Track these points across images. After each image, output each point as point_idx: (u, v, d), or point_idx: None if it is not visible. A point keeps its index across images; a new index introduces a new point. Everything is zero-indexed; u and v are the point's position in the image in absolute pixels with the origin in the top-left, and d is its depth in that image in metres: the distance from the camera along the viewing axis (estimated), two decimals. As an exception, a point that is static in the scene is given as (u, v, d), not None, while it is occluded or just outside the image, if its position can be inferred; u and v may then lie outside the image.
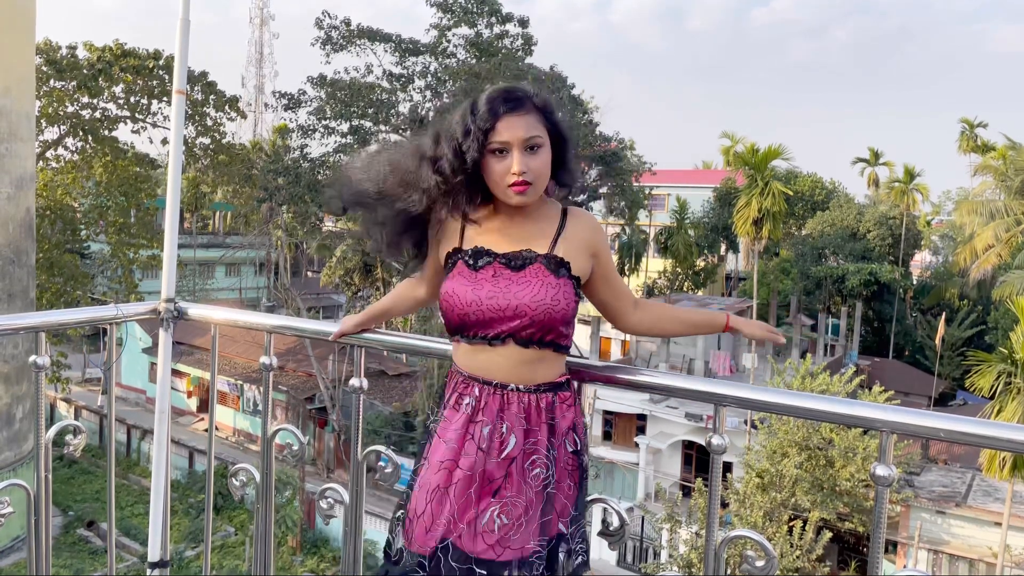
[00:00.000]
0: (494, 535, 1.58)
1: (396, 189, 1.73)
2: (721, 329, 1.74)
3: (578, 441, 1.70)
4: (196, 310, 2.36)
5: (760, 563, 1.68)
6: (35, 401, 2.15)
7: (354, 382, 2.12)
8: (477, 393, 1.66)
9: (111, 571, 2.42)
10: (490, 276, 1.66)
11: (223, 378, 26.04)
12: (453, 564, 1.58)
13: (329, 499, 2.18)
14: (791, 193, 33.11)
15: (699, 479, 18.12)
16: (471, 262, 1.69)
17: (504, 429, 1.63)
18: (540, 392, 1.65)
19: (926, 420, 1.52)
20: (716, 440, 1.70)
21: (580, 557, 1.66)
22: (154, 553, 2.41)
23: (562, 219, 1.72)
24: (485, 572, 1.56)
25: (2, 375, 16.78)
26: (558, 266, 1.65)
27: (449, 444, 1.64)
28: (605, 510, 1.85)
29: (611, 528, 1.84)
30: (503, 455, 1.62)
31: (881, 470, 1.54)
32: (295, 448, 2.23)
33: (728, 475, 19.08)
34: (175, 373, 28.15)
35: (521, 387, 1.64)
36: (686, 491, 21.13)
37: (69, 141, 23.76)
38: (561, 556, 1.63)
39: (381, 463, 2.10)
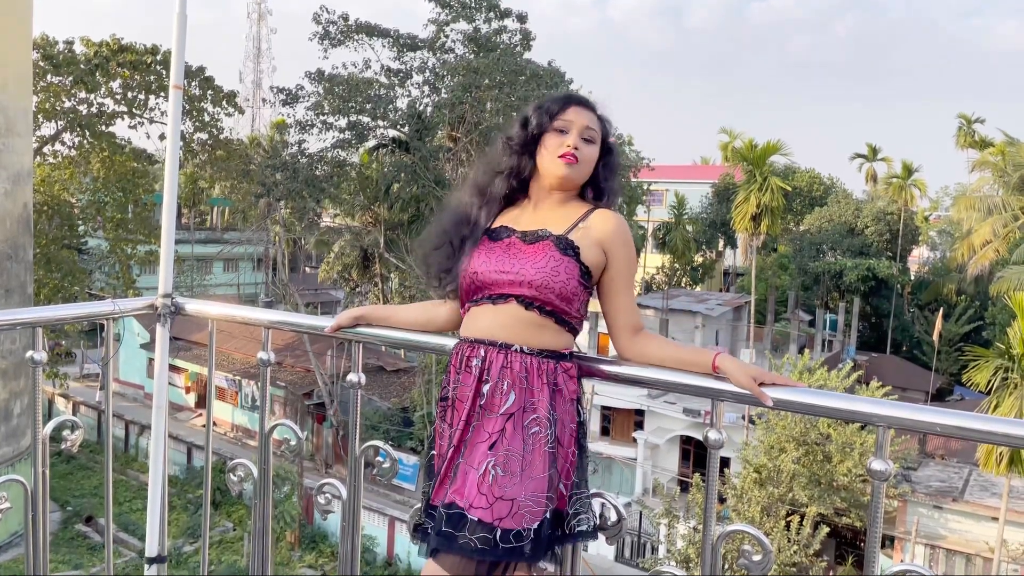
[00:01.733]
0: (488, 486, 1.61)
1: (471, 199, 1.92)
2: (709, 370, 1.67)
3: (581, 412, 1.76)
4: (193, 306, 2.35)
5: (757, 557, 1.68)
6: (32, 396, 2.14)
7: (351, 377, 2.11)
8: (483, 353, 1.73)
9: (108, 568, 2.41)
10: (504, 247, 1.80)
11: (221, 374, 26.03)
12: (444, 512, 1.63)
13: (327, 494, 2.18)
14: (789, 189, 33.12)
15: (697, 474, 18.15)
16: (492, 235, 1.84)
17: (505, 386, 1.69)
18: (543, 357, 1.72)
19: (923, 415, 1.52)
20: (713, 435, 1.70)
21: (583, 525, 1.69)
22: (152, 548, 2.41)
23: (587, 213, 1.83)
24: (482, 534, 1.59)
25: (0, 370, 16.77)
26: (566, 246, 1.75)
27: (465, 404, 1.71)
28: (603, 505, 1.85)
29: (608, 523, 1.84)
30: (500, 411, 1.68)
31: (878, 464, 1.54)
32: (293, 443, 2.23)
33: (726, 470, 19.11)
34: (173, 369, 28.12)
35: (524, 348, 1.71)
36: (684, 486, 21.15)
37: (66, 136, 23.70)
38: (571, 520, 1.68)
39: (379, 458, 2.10)
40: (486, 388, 1.70)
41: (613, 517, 1.84)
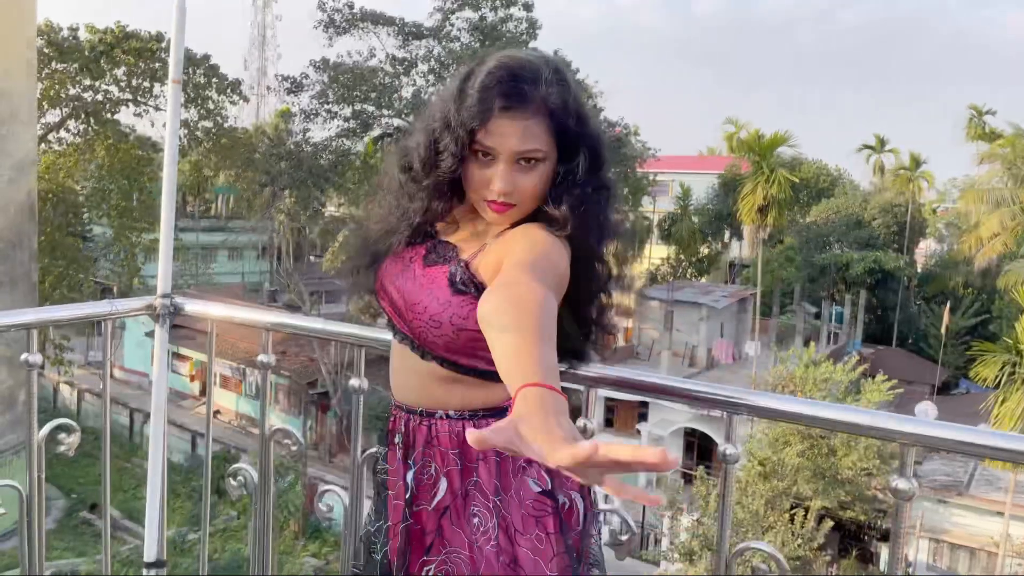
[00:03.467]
0: None
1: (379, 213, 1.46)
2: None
3: (548, 477, 1.30)
4: (193, 306, 2.30)
5: (773, 576, 1.62)
6: (27, 400, 2.09)
7: (354, 383, 2.06)
8: (404, 427, 1.37)
9: (106, 568, 2.37)
10: (408, 260, 1.37)
11: (224, 362, 26.04)
12: None
13: (328, 502, 2.13)
14: (796, 180, 32.95)
15: (701, 467, 18.12)
16: (413, 237, 1.39)
17: (432, 470, 1.32)
18: (477, 419, 1.32)
19: (950, 433, 1.46)
20: (730, 450, 1.64)
21: None
22: (151, 553, 2.37)
23: (513, 225, 1.32)
24: None
25: (4, 359, 16.75)
26: (463, 281, 1.29)
27: (393, 498, 1.37)
28: (620, 521, 1.79)
29: (619, 538, 1.79)
30: (433, 504, 1.31)
31: (902, 484, 1.48)
32: (294, 449, 2.18)
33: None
34: (177, 357, 28.15)
35: (452, 413, 1.32)
36: (687, 479, 21.13)
37: (71, 124, 23.66)
38: None
39: (379, 465, 2.05)
40: (410, 476, 1.32)
41: (623, 531, 1.78)
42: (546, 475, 1.30)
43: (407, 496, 1.33)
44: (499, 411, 1.31)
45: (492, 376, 1.17)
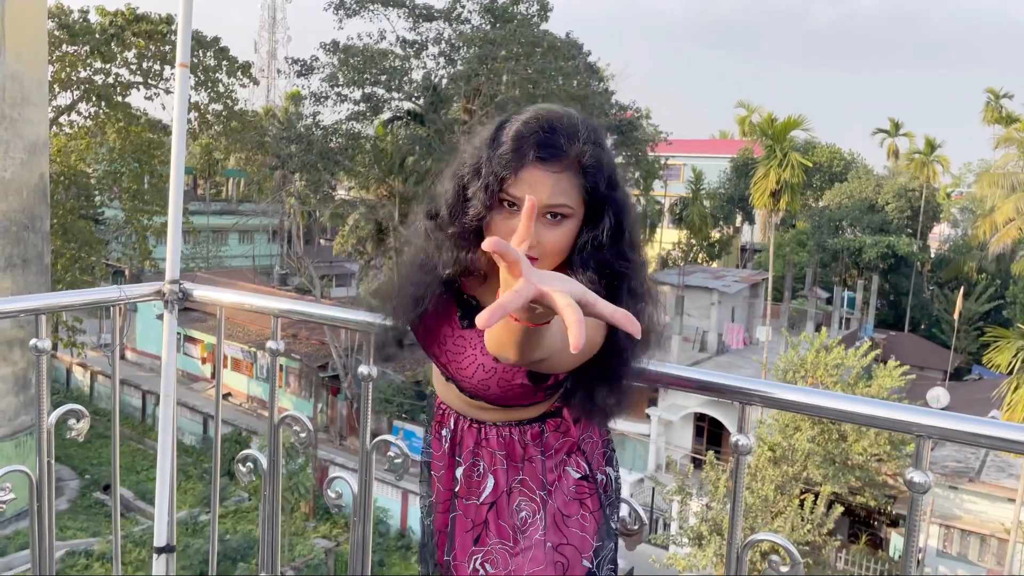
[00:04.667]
0: None
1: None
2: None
3: (585, 463, 1.41)
4: (201, 292, 2.29)
5: (784, 568, 1.60)
6: (36, 385, 2.09)
7: (363, 370, 2.04)
8: (452, 425, 1.43)
9: (116, 564, 2.38)
10: (453, 325, 1.38)
11: (236, 345, 26.18)
12: None
13: (337, 489, 2.13)
14: (810, 164, 32.68)
15: (711, 452, 18.11)
16: (449, 295, 1.38)
17: (481, 468, 1.39)
18: (523, 425, 1.38)
19: (967, 425, 1.43)
20: (743, 441, 1.62)
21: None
22: (160, 539, 2.37)
23: None
24: None
25: (18, 340, 16.90)
26: None
27: (441, 481, 1.45)
28: (629, 511, 1.77)
29: (630, 527, 1.77)
30: (481, 499, 1.39)
31: (918, 476, 1.45)
32: (303, 436, 2.17)
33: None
34: (189, 340, 28.32)
35: (500, 422, 1.38)
36: (697, 463, 21.14)
37: (82, 106, 23.73)
38: None
39: (390, 453, 2.04)
40: (459, 472, 1.40)
41: (633, 521, 1.76)
42: (583, 462, 1.40)
43: (455, 489, 1.40)
44: (542, 418, 1.38)
45: (540, 397, 1.33)
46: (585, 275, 1.24)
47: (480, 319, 0.83)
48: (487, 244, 0.87)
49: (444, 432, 1.42)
